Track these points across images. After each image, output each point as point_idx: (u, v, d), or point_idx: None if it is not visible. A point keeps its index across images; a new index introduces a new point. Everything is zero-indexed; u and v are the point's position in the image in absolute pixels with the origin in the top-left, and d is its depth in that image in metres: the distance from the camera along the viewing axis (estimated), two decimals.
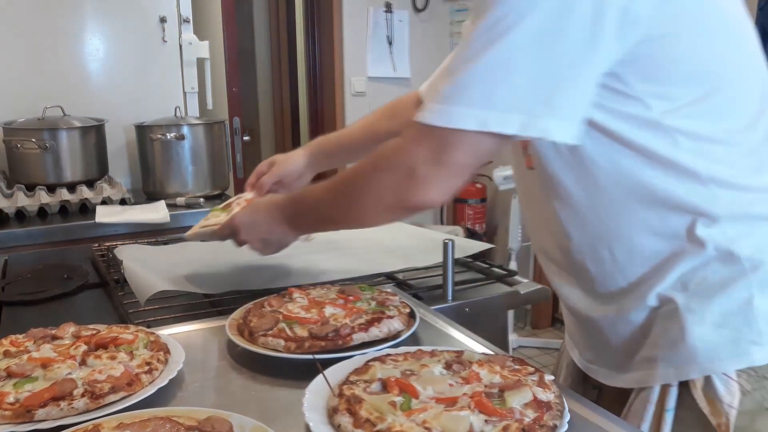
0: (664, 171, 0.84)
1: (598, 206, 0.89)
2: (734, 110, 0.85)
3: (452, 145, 0.81)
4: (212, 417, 0.72)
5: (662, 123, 0.82)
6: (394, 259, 1.42)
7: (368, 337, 0.94)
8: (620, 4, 0.75)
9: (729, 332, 0.85)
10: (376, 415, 0.71)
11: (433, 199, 0.86)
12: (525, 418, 0.71)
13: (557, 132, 0.78)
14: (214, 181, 2.40)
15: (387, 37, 3.82)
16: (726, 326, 0.86)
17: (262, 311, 1.02)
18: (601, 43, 0.76)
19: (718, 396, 0.85)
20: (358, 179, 0.95)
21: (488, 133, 0.78)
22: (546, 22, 0.75)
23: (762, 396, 0.86)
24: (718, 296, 0.86)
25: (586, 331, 1.02)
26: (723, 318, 0.86)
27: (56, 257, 1.59)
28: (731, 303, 0.85)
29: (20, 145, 2.16)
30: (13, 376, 0.82)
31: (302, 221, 1.09)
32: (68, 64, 2.43)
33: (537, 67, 0.76)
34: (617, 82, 0.81)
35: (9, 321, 1.20)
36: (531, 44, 0.76)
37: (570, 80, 0.78)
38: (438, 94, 0.81)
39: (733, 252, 0.85)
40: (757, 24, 2.46)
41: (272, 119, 4.96)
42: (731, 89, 0.85)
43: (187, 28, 2.60)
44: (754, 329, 0.85)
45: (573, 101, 0.79)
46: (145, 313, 1.15)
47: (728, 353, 0.85)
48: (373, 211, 0.94)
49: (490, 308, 1.28)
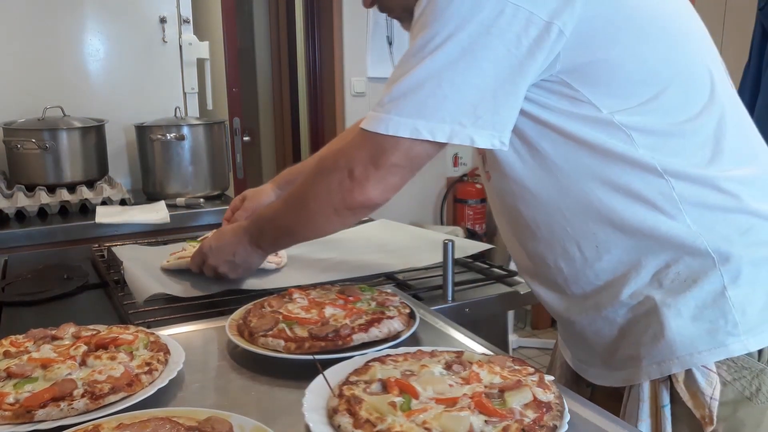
0: (621, 167, 0.88)
1: (562, 205, 0.93)
2: (685, 104, 0.89)
3: (388, 149, 0.89)
4: (212, 417, 0.72)
5: (614, 122, 0.87)
6: (394, 259, 1.42)
7: (368, 338, 0.94)
8: (542, 22, 0.82)
9: (706, 325, 0.88)
10: (376, 416, 0.71)
11: (373, 198, 0.93)
12: (525, 419, 0.71)
13: (481, 140, 0.85)
14: (214, 182, 2.40)
15: (387, 37, 3.81)
16: (702, 319, 0.88)
17: (262, 311, 1.02)
18: (525, 59, 0.83)
19: (700, 389, 0.88)
20: (306, 185, 1.02)
21: (420, 140, 0.86)
22: (472, 39, 0.82)
23: (742, 386, 0.88)
24: (692, 290, 0.88)
25: (570, 332, 1.05)
26: (699, 311, 0.88)
27: (56, 258, 1.59)
28: (705, 296, 0.88)
29: (20, 145, 2.15)
30: (13, 377, 0.82)
31: (264, 237, 1.14)
32: (68, 64, 2.43)
33: (462, 81, 0.84)
34: (565, 87, 0.87)
35: (9, 321, 1.20)
36: (457, 60, 0.83)
37: (494, 93, 0.84)
38: (378, 103, 0.89)
39: (698, 246, 0.87)
40: (757, 24, 2.46)
41: (272, 119, 4.96)
42: (680, 85, 0.89)
43: (187, 29, 2.60)
44: (730, 321, 0.87)
45: (497, 112, 0.85)
46: (145, 313, 1.15)
47: (706, 346, 0.88)
48: (321, 213, 1.00)
49: (490, 308, 1.28)
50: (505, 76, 0.84)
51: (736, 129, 0.92)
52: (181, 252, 1.37)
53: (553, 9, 0.82)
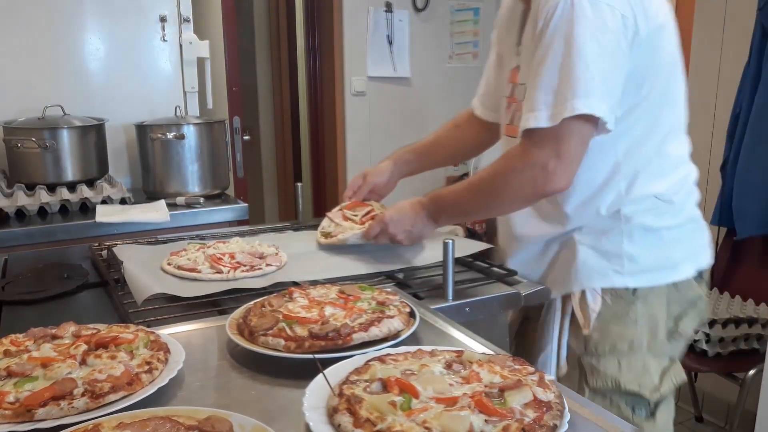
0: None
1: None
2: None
3: (567, 136, 1.12)
4: (212, 417, 0.72)
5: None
6: (394, 258, 1.42)
7: (368, 337, 0.94)
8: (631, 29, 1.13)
9: (603, 263, 1.26)
10: (377, 415, 0.71)
11: (562, 187, 1.16)
12: (525, 418, 0.71)
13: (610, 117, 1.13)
14: (215, 181, 2.40)
15: (387, 36, 3.81)
16: (603, 258, 1.26)
17: (262, 311, 1.02)
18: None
19: (588, 305, 1.27)
20: (497, 179, 1.22)
21: (589, 117, 1.10)
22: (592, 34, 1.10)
23: (616, 308, 1.26)
24: (602, 238, 1.26)
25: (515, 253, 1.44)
26: (603, 253, 1.26)
27: (56, 257, 1.59)
28: (610, 244, 1.26)
29: (20, 144, 2.15)
30: (14, 376, 0.82)
31: (443, 215, 1.36)
32: (68, 63, 2.43)
33: (602, 68, 1.10)
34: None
35: (9, 320, 1.20)
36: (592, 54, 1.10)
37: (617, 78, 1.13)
38: (541, 102, 1.12)
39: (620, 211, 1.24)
40: (757, 24, 2.45)
41: (272, 119, 4.96)
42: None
43: (187, 28, 2.60)
44: (619, 263, 1.25)
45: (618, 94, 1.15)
46: (145, 312, 1.15)
47: (598, 275, 1.26)
48: (512, 201, 1.24)
49: (490, 308, 1.28)
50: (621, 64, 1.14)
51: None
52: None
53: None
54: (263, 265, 1.33)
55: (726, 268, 2.68)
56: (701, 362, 2.40)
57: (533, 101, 1.13)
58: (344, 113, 3.82)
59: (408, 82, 3.92)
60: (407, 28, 3.86)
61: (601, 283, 1.26)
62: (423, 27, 3.90)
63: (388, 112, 3.89)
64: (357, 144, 3.86)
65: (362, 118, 3.85)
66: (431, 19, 3.91)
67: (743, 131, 2.48)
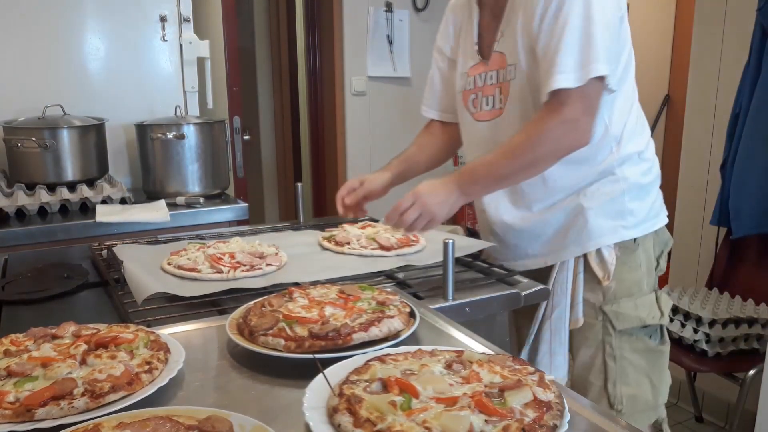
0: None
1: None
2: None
3: (591, 95, 1.27)
4: (212, 416, 0.72)
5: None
6: (394, 258, 1.42)
7: (368, 337, 0.94)
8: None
9: (612, 221, 1.43)
10: (377, 415, 0.71)
11: (589, 140, 1.30)
12: (525, 418, 0.71)
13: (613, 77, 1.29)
14: (215, 181, 2.40)
15: (387, 36, 3.81)
16: (611, 218, 1.43)
17: (263, 311, 1.02)
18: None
19: (605, 259, 1.43)
20: (534, 138, 1.30)
21: (603, 77, 1.25)
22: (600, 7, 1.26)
23: (624, 258, 1.44)
24: (607, 201, 1.42)
25: (509, 239, 1.52)
26: (610, 214, 1.43)
27: (56, 256, 1.59)
28: (616, 205, 1.43)
29: (20, 144, 2.15)
30: (14, 376, 0.82)
31: (475, 186, 1.40)
32: (68, 63, 2.43)
33: (611, 34, 1.27)
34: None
35: (9, 320, 1.20)
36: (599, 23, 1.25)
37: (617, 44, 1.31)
38: (568, 65, 1.24)
39: (625, 175, 1.42)
40: (757, 24, 2.45)
41: (272, 119, 4.96)
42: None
43: (187, 28, 2.60)
44: (624, 220, 1.43)
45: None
46: (145, 312, 1.15)
47: (610, 233, 1.43)
48: (548, 158, 1.32)
49: (490, 308, 1.28)
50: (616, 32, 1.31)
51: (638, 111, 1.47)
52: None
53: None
54: (263, 265, 1.33)
55: (726, 269, 2.69)
56: (701, 362, 2.40)
57: (559, 64, 1.25)
58: (344, 113, 3.82)
59: (408, 82, 3.92)
60: (407, 27, 3.86)
61: (612, 239, 1.42)
62: (423, 27, 3.90)
63: (388, 112, 3.89)
64: (357, 144, 3.86)
65: (362, 117, 3.85)
66: (431, 19, 3.91)
67: (742, 131, 2.48)
